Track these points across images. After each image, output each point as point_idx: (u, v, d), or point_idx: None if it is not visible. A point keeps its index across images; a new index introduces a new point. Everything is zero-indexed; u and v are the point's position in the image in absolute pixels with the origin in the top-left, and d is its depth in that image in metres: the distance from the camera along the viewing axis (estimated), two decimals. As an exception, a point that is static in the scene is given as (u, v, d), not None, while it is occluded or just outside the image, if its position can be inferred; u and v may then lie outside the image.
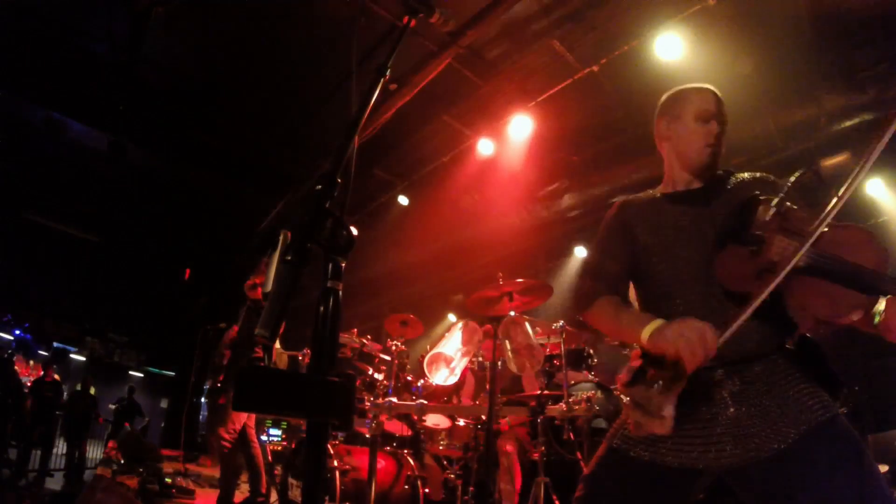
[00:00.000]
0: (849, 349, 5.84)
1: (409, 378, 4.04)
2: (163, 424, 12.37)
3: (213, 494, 4.76)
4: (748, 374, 1.33)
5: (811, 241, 1.21)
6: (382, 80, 1.23)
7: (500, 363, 3.23)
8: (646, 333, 1.32)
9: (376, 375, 4.03)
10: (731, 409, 1.31)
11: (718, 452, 1.29)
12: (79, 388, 9.33)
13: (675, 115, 1.63)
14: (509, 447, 3.67)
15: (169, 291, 11.06)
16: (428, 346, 4.09)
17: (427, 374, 3.80)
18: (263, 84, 6.12)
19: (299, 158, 7.18)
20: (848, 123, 5.56)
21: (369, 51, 5.03)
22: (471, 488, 3.53)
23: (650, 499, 1.36)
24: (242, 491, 4.55)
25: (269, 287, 0.94)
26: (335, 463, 3.30)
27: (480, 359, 3.82)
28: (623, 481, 1.39)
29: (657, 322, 1.32)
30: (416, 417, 3.78)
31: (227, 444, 4.18)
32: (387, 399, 3.44)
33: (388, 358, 3.95)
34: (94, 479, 4.92)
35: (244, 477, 4.55)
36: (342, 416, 0.95)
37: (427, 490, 3.53)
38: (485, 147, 6.04)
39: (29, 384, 9.48)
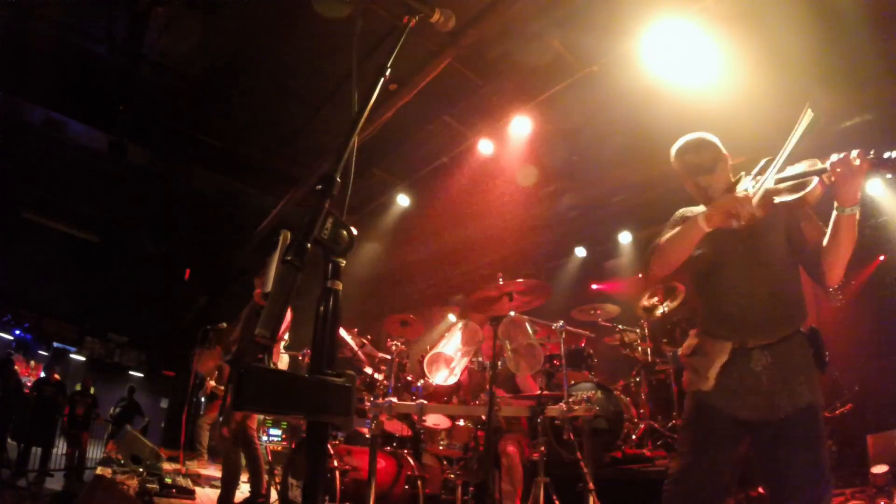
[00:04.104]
0: (850, 350, 5.84)
1: (409, 378, 4.04)
2: (163, 424, 12.36)
3: (214, 494, 4.76)
4: (776, 352, 1.83)
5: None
6: (382, 80, 1.24)
7: (499, 363, 3.24)
8: (700, 216, 1.85)
9: (376, 375, 4.03)
10: (763, 379, 1.82)
11: (752, 409, 1.82)
12: (79, 388, 9.33)
13: None
14: (510, 447, 3.67)
15: (169, 291, 11.05)
16: (428, 347, 4.09)
17: (427, 374, 3.80)
18: (263, 84, 6.12)
19: (299, 158, 7.18)
20: (848, 123, 5.56)
21: (369, 51, 5.03)
22: (471, 488, 3.53)
23: (717, 438, 1.88)
24: (242, 491, 4.55)
25: (269, 287, 0.94)
26: (335, 463, 3.30)
27: (480, 359, 3.82)
28: (701, 426, 1.93)
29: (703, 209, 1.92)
30: (416, 417, 3.78)
31: (230, 444, 4.18)
32: (387, 399, 3.44)
33: (388, 358, 3.95)
34: (94, 479, 4.92)
35: (244, 477, 4.55)
36: (342, 416, 0.95)
37: (427, 490, 3.53)
38: (485, 147, 6.04)
39: (29, 384, 9.48)
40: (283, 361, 4.73)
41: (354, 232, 1.03)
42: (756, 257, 1.90)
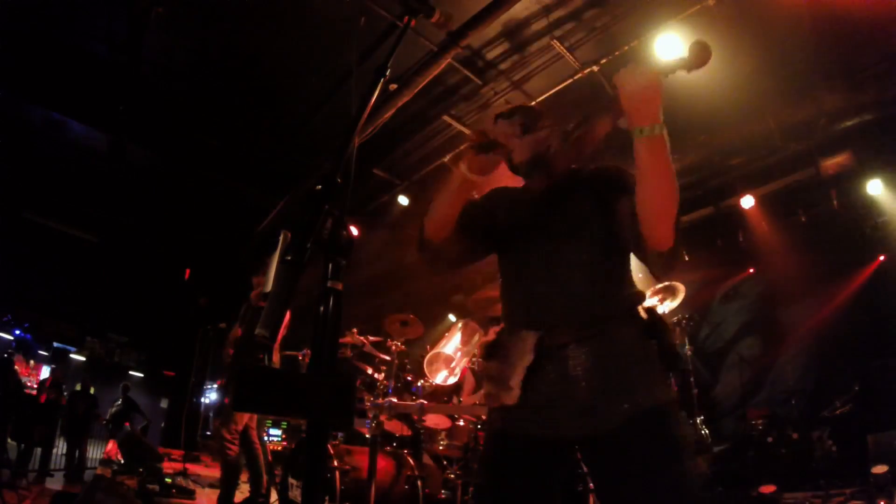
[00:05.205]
0: (849, 349, 5.84)
1: (409, 378, 4.04)
2: (163, 424, 12.36)
3: (213, 494, 4.76)
4: (598, 348, 1.37)
5: None
6: (382, 80, 1.24)
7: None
8: (461, 166, 1.46)
9: (376, 375, 4.03)
10: (583, 384, 1.36)
11: (570, 424, 1.35)
12: (79, 388, 9.32)
13: None
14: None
15: (169, 291, 11.05)
16: (428, 347, 4.09)
17: (427, 374, 3.81)
18: (263, 84, 6.12)
19: (299, 158, 7.18)
20: (848, 123, 5.56)
21: (369, 51, 5.03)
22: (471, 488, 3.53)
23: (527, 468, 1.42)
24: (242, 491, 4.55)
25: (269, 287, 0.94)
26: (335, 463, 3.30)
27: (480, 358, 3.81)
28: (504, 455, 1.46)
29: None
30: (416, 417, 3.78)
31: (228, 444, 4.17)
32: (387, 399, 3.44)
33: (388, 358, 3.95)
34: (94, 479, 4.92)
35: (244, 477, 4.55)
36: (342, 416, 0.95)
37: (427, 490, 3.53)
38: (485, 147, 6.03)
39: (29, 384, 9.47)
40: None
41: (354, 232, 1.03)
42: (558, 228, 1.49)
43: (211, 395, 11.29)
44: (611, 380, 1.34)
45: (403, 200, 7.37)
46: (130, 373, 13.85)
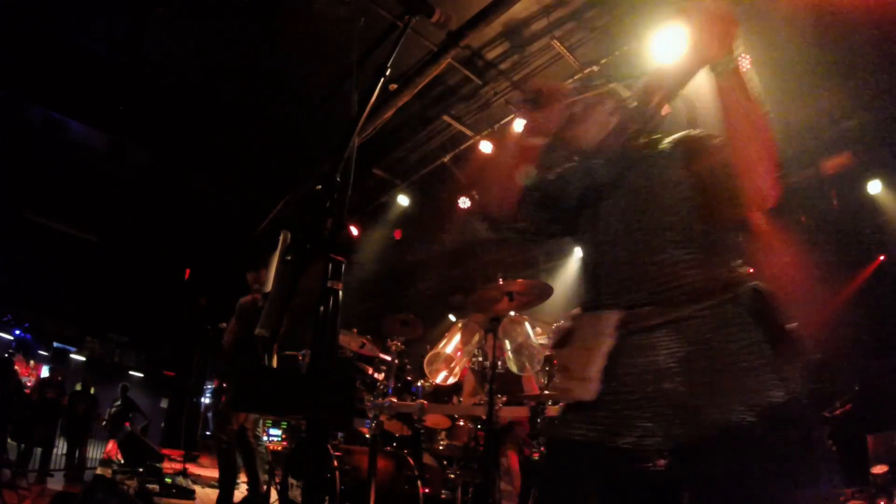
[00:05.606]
0: (849, 349, 5.84)
1: (409, 378, 4.04)
2: (163, 424, 12.36)
3: (213, 494, 4.76)
4: (695, 330, 1.12)
5: None
6: (382, 80, 1.24)
7: (499, 363, 3.23)
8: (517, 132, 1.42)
9: (376, 375, 4.03)
10: (676, 379, 1.10)
11: (664, 428, 1.08)
12: (79, 388, 9.32)
13: None
14: (509, 448, 3.67)
15: (169, 291, 11.05)
16: (428, 347, 4.09)
17: (427, 374, 3.80)
18: (263, 84, 6.12)
19: (299, 158, 7.18)
20: (848, 123, 5.56)
21: (369, 51, 5.03)
22: (471, 488, 3.53)
23: (599, 483, 1.16)
24: (242, 491, 4.55)
25: (269, 287, 0.94)
26: (335, 463, 3.29)
27: (480, 358, 3.82)
28: (570, 468, 1.21)
29: None
30: (416, 417, 3.78)
31: (224, 444, 4.17)
32: (387, 399, 3.44)
33: (388, 358, 3.95)
34: (93, 479, 4.92)
35: (244, 477, 4.55)
36: (342, 417, 0.95)
37: (427, 490, 3.53)
38: (485, 147, 6.04)
39: (29, 384, 9.48)
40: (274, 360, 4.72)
41: (355, 232, 1.03)
42: (641, 199, 1.29)
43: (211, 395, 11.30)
44: (713, 373, 1.08)
45: (403, 200, 7.37)
46: (130, 373, 13.84)
